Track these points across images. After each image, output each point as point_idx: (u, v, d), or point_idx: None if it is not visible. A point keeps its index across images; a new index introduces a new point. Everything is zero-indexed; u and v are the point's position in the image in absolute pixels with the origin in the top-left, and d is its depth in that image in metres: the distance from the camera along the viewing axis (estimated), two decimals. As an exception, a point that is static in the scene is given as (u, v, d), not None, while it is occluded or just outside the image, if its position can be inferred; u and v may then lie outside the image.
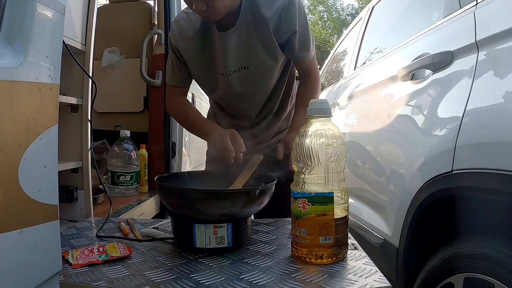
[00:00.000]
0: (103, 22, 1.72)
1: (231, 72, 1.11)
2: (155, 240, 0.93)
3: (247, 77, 1.12)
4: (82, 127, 1.29)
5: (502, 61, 0.88)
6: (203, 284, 0.68)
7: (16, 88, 0.53)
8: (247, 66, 1.11)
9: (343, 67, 2.69)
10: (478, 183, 0.86)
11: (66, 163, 1.23)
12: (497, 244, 0.81)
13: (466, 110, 0.92)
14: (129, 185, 1.86)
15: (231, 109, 1.23)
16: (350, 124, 1.90)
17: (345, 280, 0.69)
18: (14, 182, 0.52)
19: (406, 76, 1.28)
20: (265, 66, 1.11)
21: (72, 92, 1.28)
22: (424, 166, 1.07)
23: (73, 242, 0.92)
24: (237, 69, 1.11)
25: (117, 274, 0.73)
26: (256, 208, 0.89)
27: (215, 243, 0.84)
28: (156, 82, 2.06)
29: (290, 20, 1.05)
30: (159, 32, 2.13)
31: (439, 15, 1.27)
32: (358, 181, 1.67)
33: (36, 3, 0.56)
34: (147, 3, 2.37)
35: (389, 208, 1.32)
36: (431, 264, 0.98)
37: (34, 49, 0.56)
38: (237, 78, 1.12)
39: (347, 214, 0.80)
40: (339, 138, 0.78)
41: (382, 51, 1.85)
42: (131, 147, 1.88)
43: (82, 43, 1.30)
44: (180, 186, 0.95)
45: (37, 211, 0.56)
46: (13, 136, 0.52)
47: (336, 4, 21.22)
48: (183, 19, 1.15)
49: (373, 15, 2.25)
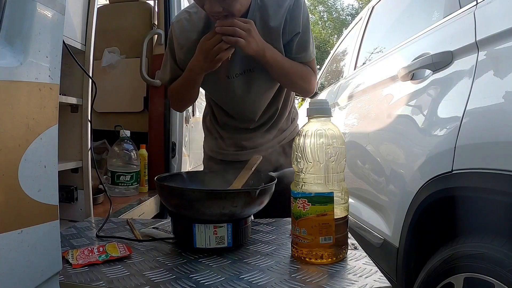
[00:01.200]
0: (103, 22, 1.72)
1: (237, 74, 1.10)
2: (155, 240, 0.93)
3: (251, 80, 1.11)
4: (82, 127, 1.29)
5: (502, 61, 0.88)
6: (203, 284, 0.68)
7: (16, 88, 0.53)
8: (252, 69, 1.10)
9: (343, 67, 2.69)
10: (478, 183, 0.86)
11: (66, 163, 1.23)
12: (497, 244, 0.81)
13: (466, 110, 0.92)
14: (129, 185, 1.86)
15: (234, 112, 1.21)
16: (350, 124, 1.90)
17: (345, 280, 0.69)
18: (14, 182, 0.52)
19: (406, 76, 1.28)
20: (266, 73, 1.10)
21: (72, 92, 1.28)
22: (424, 166, 1.07)
23: (73, 242, 0.92)
24: (242, 71, 1.10)
25: (117, 274, 0.73)
26: (256, 208, 0.89)
27: (215, 243, 0.84)
28: (156, 82, 2.06)
29: (294, 22, 1.05)
30: (159, 32, 2.14)
31: (439, 15, 1.27)
32: (358, 181, 1.67)
33: (36, 3, 0.56)
34: (147, 3, 2.37)
35: (389, 208, 1.32)
36: (431, 264, 0.98)
37: (34, 49, 0.56)
38: (241, 81, 1.11)
39: (347, 214, 0.80)
40: (339, 138, 0.78)
41: (382, 51, 1.85)
42: (131, 147, 1.88)
43: (82, 43, 1.30)
44: (180, 186, 0.95)
45: (37, 211, 0.56)
46: (13, 136, 0.52)
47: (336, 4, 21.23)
48: (186, 20, 1.12)
49: (373, 15, 2.25)
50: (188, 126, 2.32)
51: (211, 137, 1.30)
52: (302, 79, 1.13)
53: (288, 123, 1.28)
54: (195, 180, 1.06)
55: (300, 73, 1.12)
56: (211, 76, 1.11)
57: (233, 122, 1.23)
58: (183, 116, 2.20)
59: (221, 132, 1.26)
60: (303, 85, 1.14)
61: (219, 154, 1.27)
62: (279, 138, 1.25)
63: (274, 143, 1.24)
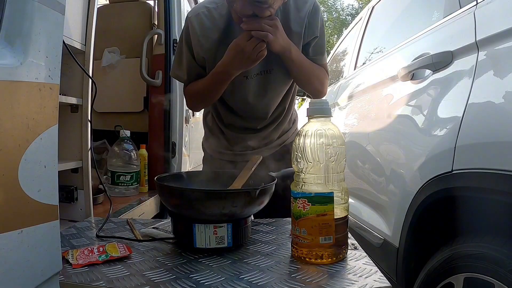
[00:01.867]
0: (103, 22, 1.72)
1: (255, 74, 1.11)
2: (155, 240, 0.93)
3: (267, 81, 1.12)
4: (82, 127, 1.29)
5: (502, 61, 0.88)
6: (203, 284, 0.68)
7: (16, 88, 0.53)
8: (269, 70, 1.11)
9: (343, 67, 2.69)
10: (478, 183, 0.86)
11: (66, 163, 1.23)
12: (497, 244, 0.81)
13: (466, 110, 0.92)
14: (129, 185, 1.86)
15: (245, 111, 1.20)
16: (350, 124, 1.90)
17: (345, 280, 0.69)
18: (14, 182, 0.52)
19: (406, 76, 1.28)
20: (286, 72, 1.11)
21: (72, 92, 1.28)
22: (424, 166, 1.07)
23: (73, 242, 0.92)
24: (259, 72, 1.11)
25: (117, 274, 0.73)
26: (256, 208, 0.89)
27: (215, 243, 0.84)
28: (156, 82, 2.06)
29: (313, 26, 1.09)
30: (159, 32, 2.13)
31: (439, 15, 1.27)
32: (358, 181, 1.67)
33: (36, 3, 0.56)
34: (147, 3, 2.37)
35: (389, 208, 1.32)
36: (431, 264, 0.98)
37: (34, 49, 0.56)
38: (256, 82, 1.12)
39: (347, 214, 0.80)
40: (339, 138, 0.78)
41: (382, 51, 1.85)
42: (131, 147, 1.89)
43: (82, 43, 1.30)
44: (180, 186, 0.95)
45: (37, 211, 0.56)
46: (13, 136, 0.52)
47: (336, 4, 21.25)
48: (205, 15, 1.09)
49: (373, 15, 2.25)
50: (188, 126, 2.32)
51: (213, 136, 1.29)
52: (318, 80, 1.16)
53: (290, 124, 1.29)
54: (195, 180, 1.06)
55: (317, 74, 1.16)
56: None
57: (240, 122, 1.22)
58: (183, 116, 2.20)
59: (225, 132, 1.25)
60: (318, 86, 1.17)
61: (222, 154, 1.27)
62: (283, 138, 1.26)
63: (277, 143, 1.25)
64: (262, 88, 1.13)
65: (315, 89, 1.18)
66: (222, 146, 1.26)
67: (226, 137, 1.25)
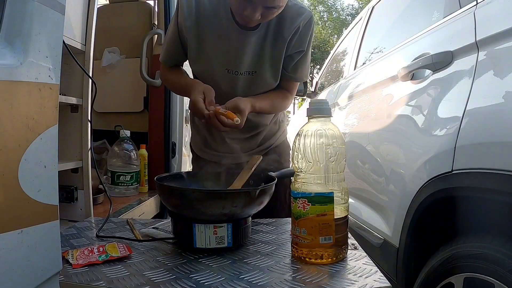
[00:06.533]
0: (103, 22, 1.72)
1: (243, 73, 1.11)
2: (155, 240, 0.93)
3: (253, 81, 1.12)
4: (82, 127, 1.29)
5: (502, 61, 0.88)
6: (203, 284, 0.68)
7: (16, 88, 0.53)
8: (253, 72, 1.11)
9: (343, 67, 2.69)
10: (478, 183, 0.86)
11: (66, 163, 1.23)
12: (497, 244, 0.81)
13: (466, 110, 0.92)
14: (129, 185, 1.86)
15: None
16: (350, 124, 1.90)
17: (345, 280, 0.69)
18: (14, 182, 0.52)
19: (406, 76, 1.28)
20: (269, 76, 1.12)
21: (72, 92, 1.28)
22: (424, 166, 1.07)
23: (73, 242, 0.92)
24: (246, 72, 1.11)
25: (117, 274, 0.73)
26: (256, 208, 0.89)
27: (215, 243, 0.84)
28: (156, 82, 2.06)
29: (303, 37, 1.09)
30: (159, 32, 2.14)
31: (439, 15, 1.27)
32: (358, 181, 1.67)
33: (36, 3, 0.56)
34: (147, 3, 2.37)
35: (389, 208, 1.32)
36: (431, 264, 0.98)
37: (34, 49, 0.56)
38: (245, 79, 1.12)
39: (347, 214, 0.80)
40: (339, 138, 0.78)
41: (382, 51, 1.85)
42: (131, 147, 1.89)
43: (82, 43, 1.30)
44: (180, 186, 0.95)
45: (37, 211, 0.56)
46: (13, 136, 0.52)
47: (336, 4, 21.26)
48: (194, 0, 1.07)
49: (373, 15, 2.25)
50: (188, 126, 2.32)
51: (199, 136, 1.28)
52: (279, 110, 1.25)
53: (276, 125, 1.29)
54: (195, 180, 1.06)
55: (278, 107, 1.21)
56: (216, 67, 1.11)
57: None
58: (183, 116, 2.20)
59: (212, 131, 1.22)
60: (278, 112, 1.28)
61: (208, 154, 1.26)
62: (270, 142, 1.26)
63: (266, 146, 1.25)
64: (249, 86, 1.13)
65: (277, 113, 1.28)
66: (208, 146, 1.25)
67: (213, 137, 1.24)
